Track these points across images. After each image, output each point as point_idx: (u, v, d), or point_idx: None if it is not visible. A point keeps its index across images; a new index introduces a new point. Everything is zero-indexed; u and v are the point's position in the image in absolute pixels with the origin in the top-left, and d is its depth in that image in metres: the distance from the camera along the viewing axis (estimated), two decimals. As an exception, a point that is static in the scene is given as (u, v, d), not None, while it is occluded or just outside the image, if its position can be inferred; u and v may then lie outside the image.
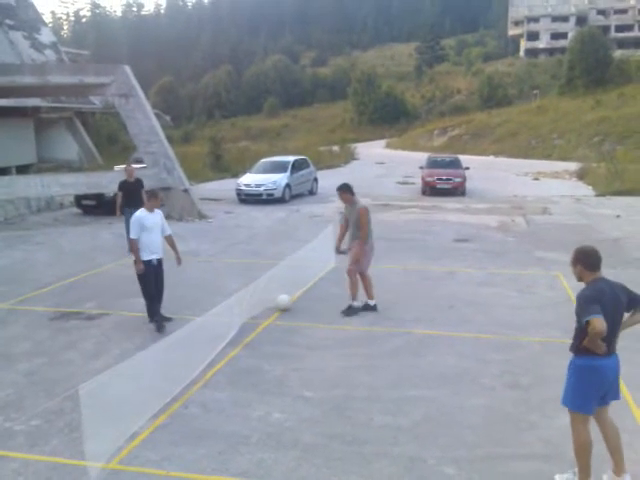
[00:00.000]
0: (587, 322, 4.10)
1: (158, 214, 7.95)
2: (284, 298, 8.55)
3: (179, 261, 8.22)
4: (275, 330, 7.85)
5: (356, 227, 8.44)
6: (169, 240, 8.13)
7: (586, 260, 4.32)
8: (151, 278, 7.80)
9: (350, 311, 8.44)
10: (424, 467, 4.72)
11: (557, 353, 6.93)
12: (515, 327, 7.88)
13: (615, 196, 21.30)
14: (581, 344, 4.21)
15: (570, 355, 4.45)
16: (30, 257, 12.57)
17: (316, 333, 7.73)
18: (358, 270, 8.54)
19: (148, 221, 7.72)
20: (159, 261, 7.91)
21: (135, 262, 7.77)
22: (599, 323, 4.00)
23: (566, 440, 4.71)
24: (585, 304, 4.14)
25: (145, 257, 7.73)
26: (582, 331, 4.18)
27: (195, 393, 6.00)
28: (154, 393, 5.65)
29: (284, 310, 8.52)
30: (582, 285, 4.43)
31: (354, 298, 8.52)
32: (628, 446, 4.95)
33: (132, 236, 7.72)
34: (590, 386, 4.25)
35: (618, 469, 4.41)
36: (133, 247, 7.74)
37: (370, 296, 8.64)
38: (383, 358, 6.89)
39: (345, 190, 8.47)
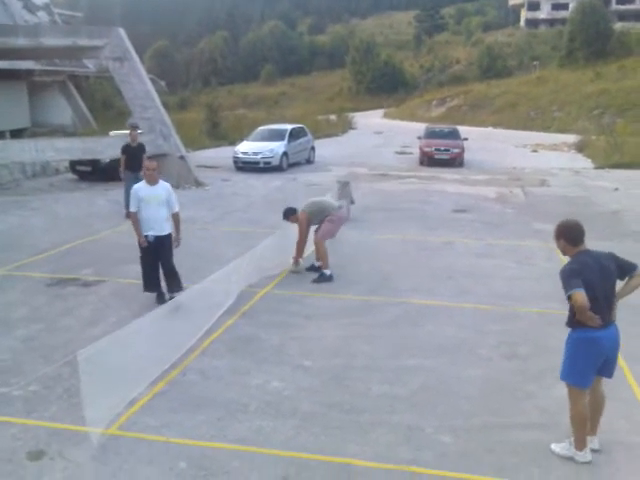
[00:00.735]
0: (569, 297, 4.09)
1: (162, 187, 7.38)
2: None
3: (177, 242, 7.58)
4: (273, 299, 7.84)
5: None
6: (174, 218, 7.48)
7: (568, 234, 4.32)
8: (147, 254, 7.41)
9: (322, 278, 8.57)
10: (421, 435, 4.75)
11: (555, 324, 6.94)
12: (513, 298, 7.89)
13: (614, 169, 21.23)
14: (575, 318, 4.21)
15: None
16: (26, 223, 12.47)
17: (314, 302, 7.72)
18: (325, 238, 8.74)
19: (143, 193, 7.26)
20: (158, 238, 7.33)
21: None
22: (580, 297, 4.00)
23: (563, 410, 4.74)
24: (566, 279, 4.15)
25: (142, 232, 7.36)
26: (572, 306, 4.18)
27: (193, 361, 5.99)
28: (152, 360, 5.64)
29: None
30: None
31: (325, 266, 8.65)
32: (626, 417, 5.00)
33: (130, 209, 7.40)
34: (587, 359, 4.25)
35: (590, 431, 4.47)
36: (132, 220, 7.43)
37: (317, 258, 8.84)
38: (381, 328, 6.90)
39: (290, 214, 8.84)
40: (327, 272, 8.59)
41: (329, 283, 8.42)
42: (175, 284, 7.50)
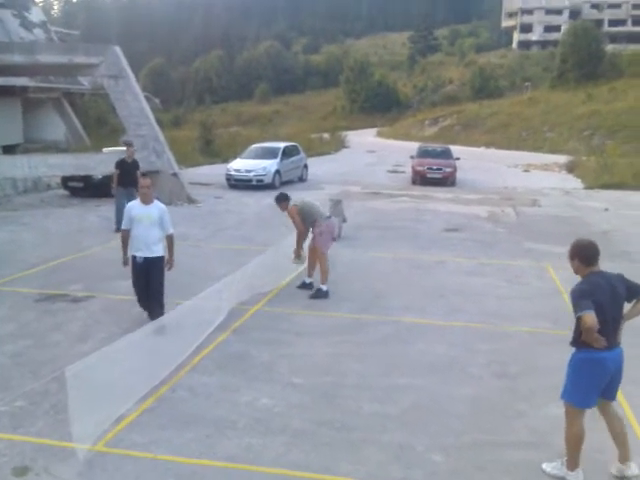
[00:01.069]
0: (579, 318, 4.08)
1: (155, 207, 7.04)
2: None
3: (169, 265, 7.19)
4: (263, 316, 7.81)
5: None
6: (168, 240, 7.15)
7: (583, 254, 4.29)
8: (135, 275, 7.15)
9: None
10: (412, 454, 4.72)
11: (546, 343, 6.98)
12: (504, 317, 7.89)
13: (604, 189, 21.42)
14: (580, 338, 4.18)
15: (563, 348, 4.44)
16: (16, 238, 12.40)
17: (305, 320, 7.70)
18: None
19: (136, 211, 7.00)
20: (146, 260, 6.98)
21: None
22: (589, 319, 3.97)
23: (554, 429, 4.73)
24: (577, 299, 4.11)
25: (130, 252, 7.14)
26: (579, 326, 4.16)
27: (183, 377, 5.95)
28: (141, 376, 5.59)
29: None
30: (573, 277, 4.41)
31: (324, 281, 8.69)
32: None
33: (122, 226, 7.21)
34: (591, 380, 4.22)
35: (622, 457, 4.42)
36: (121, 238, 7.24)
37: (311, 274, 8.96)
38: (372, 346, 6.88)
39: (282, 199, 8.82)
40: (324, 288, 8.58)
41: (322, 300, 8.41)
42: (156, 311, 7.00)
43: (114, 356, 5.17)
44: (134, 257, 7.07)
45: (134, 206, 7.13)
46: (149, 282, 7.09)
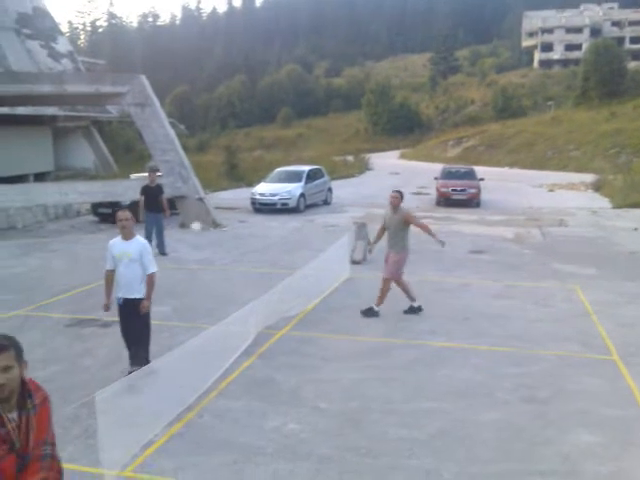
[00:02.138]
0: None
1: (135, 244, 6.42)
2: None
3: (144, 307, 6.46)
4: (290, 340, 7.84)
5: (395, 233, 8.88)
6: (147, 279, 6.43)
7: None
8: (119, 318, 6.67)
9: (370, 312, 8.83)
10: (440, 481, 4.68)
11: (575, 367, 6.88)
12: (531, 340, 7.80)
13: (632, 208, 21.09)
14: None
15: (593, 371, 4.38)
16: (46, 264, 12.67)
17: (331, 344, 7.71)
18: (396, 277, 8.91)
19: (116, 249, 6.44)
20: (126, 302, 6.46)
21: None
22: None
23: (585, 456, 4.65)
24: None
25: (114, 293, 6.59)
26: None
27: (210, 402, 5.99)
28: (169, 401, 5.65)
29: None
30: (602, 298, 4.37)
31: (378, 304, 8.87)
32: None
33: (106, 267, 6.57)
34: None
35: None
36: (105, 279, 6.63)
37: (412, 298, 8.99)
38: (398, 370, 6.86)
39: (400, 194, 8.95)
40: (376, 308, 8.85)
41: (348, 324, 8.43)
42: (138, 358, 6.45)
43: (142, 381, 5.24)
44: (117, 299, 6.55)
45: (115, 243, 6.50)
46: (130, 326, 6.58)
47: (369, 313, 8.79)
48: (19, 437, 2.71)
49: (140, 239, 6.59)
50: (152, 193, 13.42)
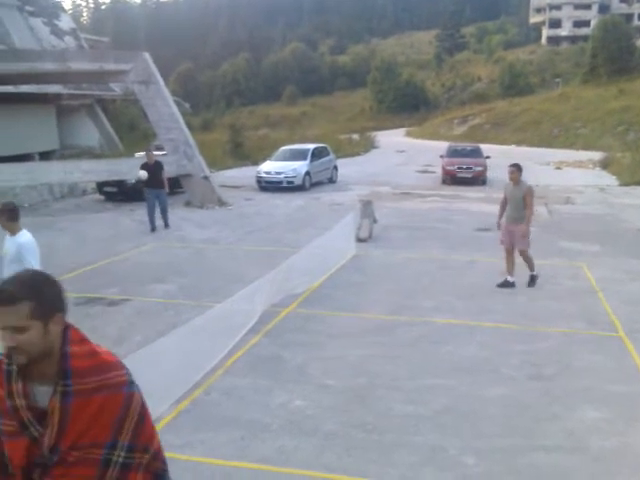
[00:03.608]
0: None
1: (14, 240, 5.59)
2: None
3: None
4: (296, 318, 7.86)
5: (517, 207, 9.02)
6: None
7: None
8: None
9: (532, 282, 9.16)
10: (445, 457, 4.70)
11: (581, 344, 6.88)
12: (537, 318, 7.80)
13: None
14: None
15: (598, 348, 4.38)
16: (53, 243, 12.67)
17: (337, 321, 7.73)
18: (525, 247, 9.10)
19: (4, 246, 5.64)
20: None
21: None
22: None
23: (590, 432, 4.66)
24: None
25: None
26: None
27: (216, 380, 6.03)
28: (176, 379, 5.68)
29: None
30: (608, 276, 4.35)
31: (532, 269, 9.20)
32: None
33: None
34: None
35: None
36: None
37: (511, 272, 9.19)
38: (404, 347, 6.87)
39: (518, 168, 9.12)
40: (510, 279, 9.11)
41: (353, 301, 8.44)
42: None
43: (149, 359, 5.27)
44: None
45: (6, 239, 5.63)
46: None
47: (506, 284, 9.03)
48: (34, 420, 1.95)
49: (23, 235, 5.74)
50: (152, 170, 13.68)
